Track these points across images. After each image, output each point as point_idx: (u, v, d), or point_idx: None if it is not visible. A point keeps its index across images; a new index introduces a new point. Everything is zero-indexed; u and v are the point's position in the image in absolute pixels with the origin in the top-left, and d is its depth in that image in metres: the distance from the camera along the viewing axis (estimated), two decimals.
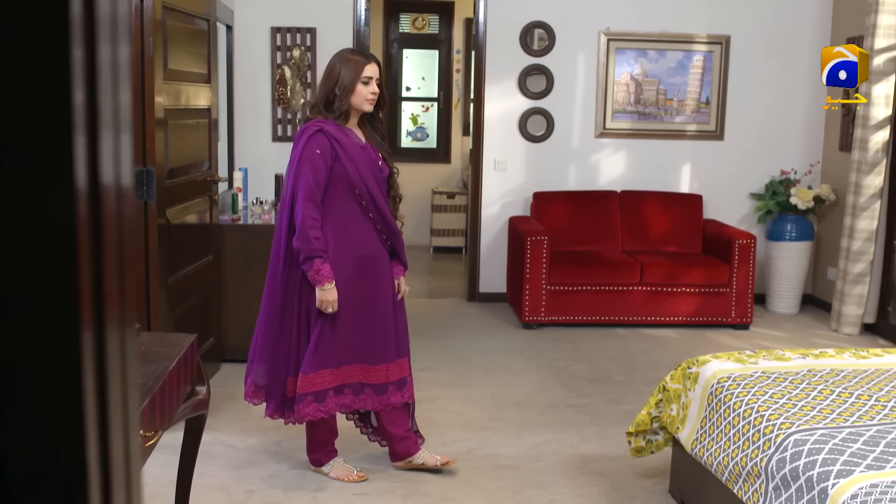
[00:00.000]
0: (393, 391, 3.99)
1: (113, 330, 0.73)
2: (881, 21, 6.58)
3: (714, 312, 6.94)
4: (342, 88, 3.76)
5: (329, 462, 4.10)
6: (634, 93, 7.59)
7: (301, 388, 3.83)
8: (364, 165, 3.80)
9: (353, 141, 3.82)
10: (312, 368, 3.82)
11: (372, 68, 3.79)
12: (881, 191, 6.75)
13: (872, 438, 2.84)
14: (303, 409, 3.84)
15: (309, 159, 3.73)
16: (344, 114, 3.80)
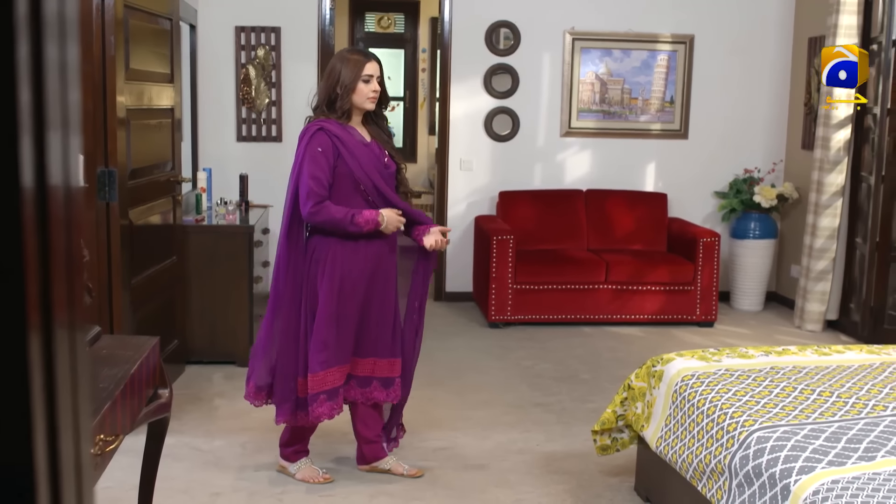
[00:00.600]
0: (377, 387, 3.95)
1: (62, 334, 0.72)
2: (842, 21, 6.64)
3: (679, 310, 6.98)
4: (343, 88, 3.76)
5: (297, 462, 4.07)
6: (599, 92, 7.62)
7: (312, 387, 3.79)
8: (368, 161, 3.79)
9: (355, 138, 3.80)
10: (322, 367, 3.79)
11: (372, 66, 3.79)
12: (843, 189, 6.81)
13: (834, 435, 2.86)
14: (317, 409, 3.80)
15: (310, 158, 3.72)
16: (346, 113, 3.81)
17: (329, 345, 3.79)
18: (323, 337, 3.78)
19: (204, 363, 5.64)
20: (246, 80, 7.14)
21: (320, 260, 3.80)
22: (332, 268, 3.78)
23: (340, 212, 3.71)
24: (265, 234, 6.43)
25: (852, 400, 3.22)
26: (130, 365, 2.58)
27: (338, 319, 3.79)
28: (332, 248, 3.78)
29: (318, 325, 3.78)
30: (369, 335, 3.92)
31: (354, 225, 3.71)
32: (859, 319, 6.76)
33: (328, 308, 3.78)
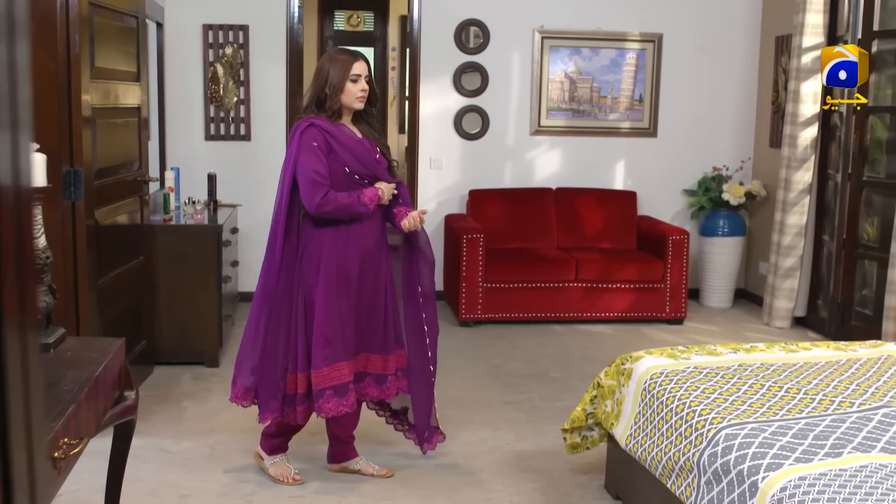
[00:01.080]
0: (370, 383, 3.96)
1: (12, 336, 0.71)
2: (809, 20, 6.69)
3: (648, 308, 7.01)
4: (332, 87, 3.79)
5: (274, 456, 4.05)
6: (569, 90, 7.63)
7: (317, 383, 3.77)
8: (361, 153, 3.83)
9: (346, 134, 3.83)
10: (326, 363, 3.77)
11: (360, 66, 3.81)
12: (810, 186, 6.86)
13: (801, 431, 2.88)
14: (324, 405, 3.78)
15: (307, 151, 3.74)
16: (336, 112, 3.83)
17: (332, 340, 3.78)
18: (325, 332, 3.77)
19: (172, 364, 5.60)
20: (214, 79, 7.10)
21: (313, 255, 3.81)
22: (327, 261, 3.79)
23: (347, 197, 3.75)
24: (234, 234, 6.40)
25: (819, 397, 3.24)
26: (95, 367, 2.55)
27: (339, 314, 3.79)
28: (324, 241, 3.80)
29: (319, 321, 3.77)
30: (360, 330, 3.90)
31: (363, 205, 3.76)
32: (827, 316, 6.81)
33: (328, 302, 3.77)
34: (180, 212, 6.04)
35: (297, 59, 7.34)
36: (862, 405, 3.15)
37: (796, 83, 6.79)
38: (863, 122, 6.45)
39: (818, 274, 7.09)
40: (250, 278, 7.19)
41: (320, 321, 3.77)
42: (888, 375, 3.55)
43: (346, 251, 3.81)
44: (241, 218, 6.93)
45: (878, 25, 6.43)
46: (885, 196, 6.35)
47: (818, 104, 6.76)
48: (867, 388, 3.35)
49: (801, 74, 6.75)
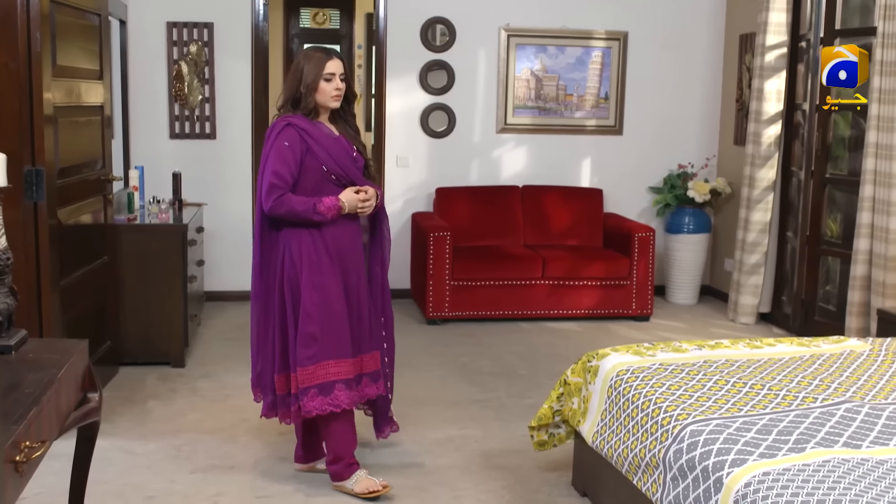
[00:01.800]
0: (367, 383, 3.93)
1: None
2: (772, 18, 6.75)
3: (615, 305, 7.04)
4: (306, 87, 3.76)
5: (351, 476, 3.90)
6: (535, 88, 7.65)
7: (302, 381, 3.74)
8: (338, 153, 3.80)
9: (323, 132, 3.80)
10: (311, 361, 3.73)
11: (334, 64, 3.77)
12: (774, 183, 6.92)
13: (765, 427, 2.90)
14: (308, 404, 3.74)
15: (275, 153, 3.71)
16: (312, 111, 3.79)
17: (317, 338, 3.73)
18: (308, 330, 3.74)
19: (138, 364, 5.56)
20: (178, 77, 7.04)
21: (293, 252, 3.77)
22: (308, 258, 3.75)
23: (302, 203, 3.70)
24: (199, 233, 6.36)
25: (783, 392, 3.27)
26: (58, 369, 2.52)
27: (325, 311, 3.74)
28: (302, 238, 3.76)
29: (303, 319, 3.74)
30: (351, 329, 3.86)
31: (318, 214, 3.71)
32: (791, 312, 6.88)
33: (310, 300, 3.73)
34: (145, 211, 6.00)
35: (263, 56, 7.30)
36: (825, 400, 3.19)
37: (760, 81, 6.85)
38: (825, 120, 6.51)
39: (782, 270, 7.15)
40: (216, 278, 7.19)
41: (304, 319, 3.73)
42: (850, 371, 3.58)
43: (325, 249, 3.77)
44: (207, 217, 6.89)
45: (840, 24, 6.50)
46: (848, 193, 6.41)
47: (782, 102, 6.82)
48: (830, 384, 3.39)
49: (765, 72, 6.81)
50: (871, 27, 5.89)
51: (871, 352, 3.89)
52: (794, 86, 6.93)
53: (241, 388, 5.22)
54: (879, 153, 5.66)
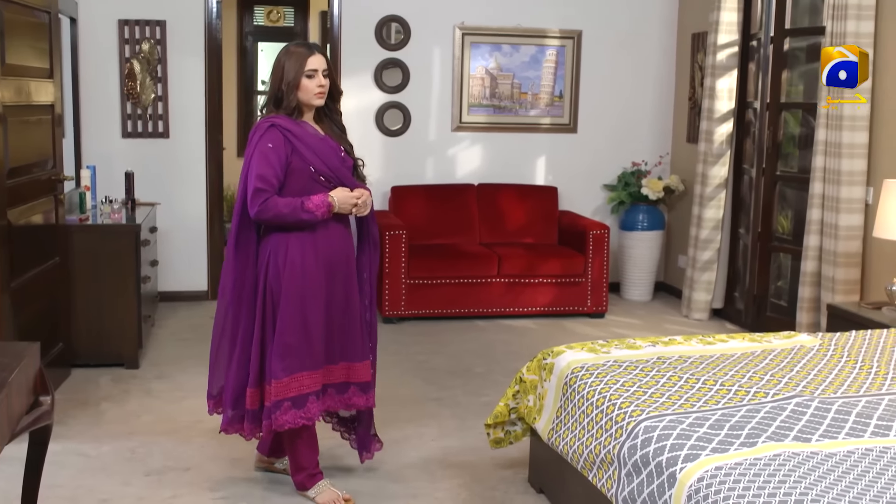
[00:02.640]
0: (355, 392, 3.78)
1: None
2: (723, 18, 6.82)
3: (570, 302, 7.08)
4: (287, 84, 3.60)
5: (314, 486, 3.81)
6: (489, 87, 7.67)
7: (276, 394, 3.57)
8: (326, 153, 3.64)
9: (309, 132, 3.64)
10: (286, 373, 3.57)
11: (315, 60, 3.61)
12: (726, 181, 7.00)
13: (717, 422, 2.94)
14: (281, 417, 3.57)
15: (259, 155, 3.54)
16: (295, 109, 3.63)
17: (293, 349, 3.58)
18: (286, 340, 3.58)
19: (91, 366, 5.50)
20: (131, 75, 6.97)
21: (279, 260, 3.60)
22: (291, 267, 3.59)
23: (288, 204, 3.53)
24: (153, 233, 6.30)
25: (735, 388, 3.31)
26: (7, 373, 2.49)
27: (304, 321, 3.60)
28: (289, 245, 3.60)
29: (280, 329, 3.58)
30: (338, 338, 3.73)
31: (306, 212, 3.54)
32: (743, 307, 6.96)
33: (290, 310, 3.58)
34: (97, 211, 5.93)
35: (216, 55, 7.25)
36: (776, 395, 3.23)
37: (712, 80, 6.92)
38: (776, 118, 6.60)
39: (735, 266, 7.24)
40: (170, 278, 7.13)
41: (281, 329, 3.58)
42: (801, 366, 3.64)
43: (314, 256, 3.62)
44: (161, 217, 6.83)
45: (790, 24, 6.59)
46: (798, 190, 6.50)
47: (733, 100, 6.90)
48: (780, 379, 3.44)
49: (717, 71, 6.88)
50: (820, 27, 5.98)
51: (820, 346, 3.95)
52: (746, 84, 7.01)
53: (196, 389, 5.19)
54: (828, 151, 5.74)
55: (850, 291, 5.65)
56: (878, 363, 3.69)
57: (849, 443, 2.80)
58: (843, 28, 5.56)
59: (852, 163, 5.60)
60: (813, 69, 6.33)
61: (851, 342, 4.04)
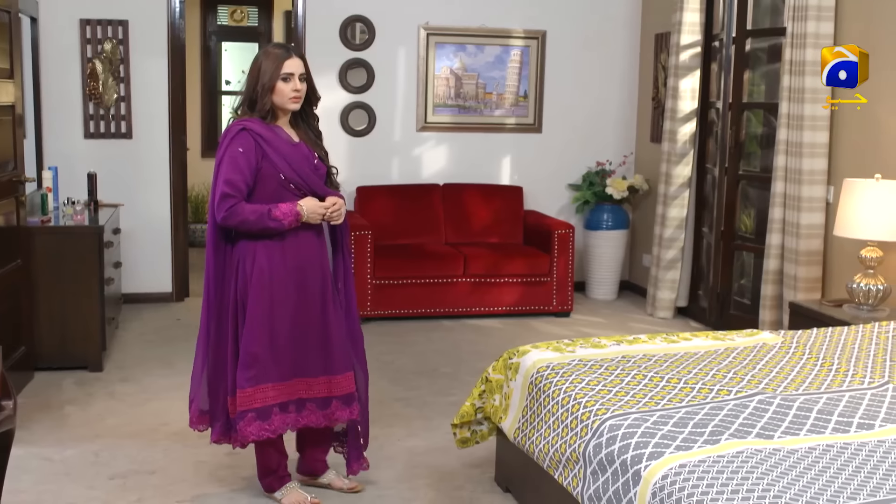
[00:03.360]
0: (338, 406, 3.68)
1: None
2: (686, 18, 6.88)
3: (536, 301, 7.11)
4: (262, 87, 3.50)
5: (282, 488, 3.78)
6: (454, 87, 7.68)
7: (240, 404, 3.50)
8: (297, 160, 3.55)
9: (282, 137, 3.56)
10: (251, 383, 3.50)
11: (292, 63, 3.52)
12: (689, 180, 7.06)
13: (681, 420, 2.97)
14: (245, 429, 3.51)
15: (228, 160, 3.47)
16: (269, 113, 3.54)
17: (259, 359, 3.51)
18: (251, 350, 3.51)
19: (54, 369, 5.45)
20: (93, 75, 6.92)
21: (245, 267, 3.54)
22: (258, 274, 3.52)
23: (255, 211, 3.46)
24: (116, 235, 6.26)
25: (698, 386, 3.34)
26: None
27: (271, 331, 3.54)
28: (256, 252, 3.53)
29: (246, 338, 3.51)
30: (316, 350, 3.64)
31: (273, 220, 3.46)
32: (707, 305, 7.02)
33: (257, 318, 3.51)
34: (59, 212, 5.88)
35: (180, 54, 7.20)
36: (739, 393, 3.27)
37: (675, 80, 6.98)
38: (738, 117, 6.66)
39: (698, 265, 7.30)
40: (134, 280, 7.08)
41: (247, 339, 3.51)
42: (763, 363, 3.68)
43: (282, 264, 3.55)
44: (124, 218, 6.79)
45: (752, 24, 6.65)
46: (761, 189, 6.57)
47: (696, 100, 6.96)
48: (743, 377, 3.47)
49: (680, 71, 6.94)
50: (781, 28, 6.04)
51: (782, 344, 4.00)
52: (708, 84, 7.07)
53: (160, 391, 5.17)
54: (790, 150, 5.81)
55: (811, 289, 5.72)
56: (839, 360, 3.74)
57: (810, 439, 2.83)
58: (804, 29, 5.63)
59: (813, 162, 5.67)
60: (774, 70, 6.41)
61: (812, 340, 4.09)
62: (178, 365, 5.65)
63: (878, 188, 4.89)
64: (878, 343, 4.04)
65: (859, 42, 5.42)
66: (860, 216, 4.93)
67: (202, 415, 3.71)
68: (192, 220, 9.76)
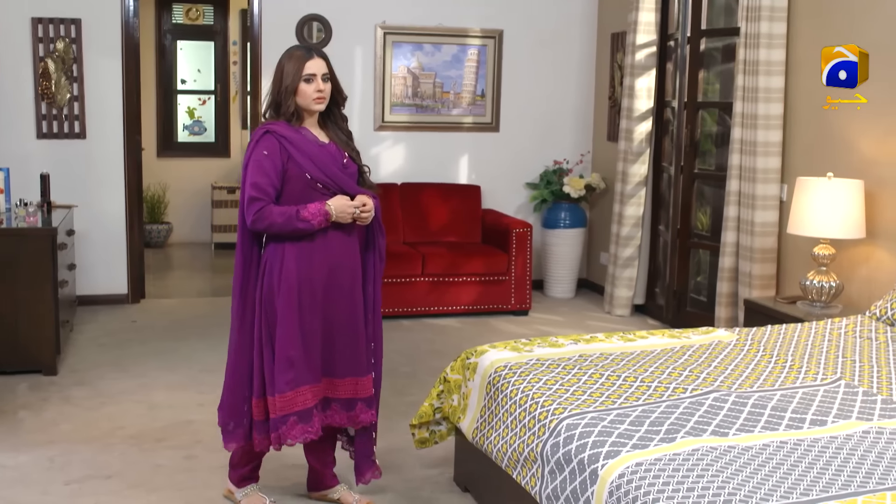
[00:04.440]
0: (362, 409, 3.63)
1: None
2: (641, 18, 6.93)
3: (495, 300, 7.13)
4: (285, 89, 3.47)
5: (245, 488, 3.76)
6: (412, 86, 7.68)
7: (281, 409, 3.44)
8: (324, 160, 3.50)
9: (307, 138, 3.51)
10: (290, 387, 3.45)
11: (314, 64, 3.48)
12: (646, 179, 7.11)
13: (638, 419, 2.99)
14: (288, 432, 3.45)
15: (254, 164, 3.43)
16: (294, 115, 3.50)
17: (296, 362, 3.46)
18: (287, 354, 3.45)
19: (7, 374, 5.37)
20: (45, 75, 6.83)
21: (274, 270, 3.48)
22: (287, 277, 3.46)
23: (283, 213, 3.41)
24: (70, 236, 6.18)
25: (654, 384, 3.37)
26: None
27: (303, 333, 3.49)
28: (285, 255, 3.48)
29: (281, 342, 3.46)
30: (343, 351, 3.59)
31: (302, 220, 3.41)
32: (664, 303, 7.07)
33: (289, 321, 3.46)
34: (11, 214, 5.79)
35: (134, 53, 7.13)
36: (694, 391, 3.30)
37: (631, 79, 7.02)
38: (693, 116, 6.72)
39: (655, 263, 7.36)
40: (90, 282, 7.00)
41: (282, 342, 3.45)
42: (718, 361, 3.72)
43: (311, 266, 3.49)
44: (78, 219, 6.71)
45: (706, 24, 6.71)
46: (716, 187, 6.63)
47: (652, 99, 7.01)
48: (699, 374, 3.51)
49: (636, 71, 6.98)
50: (735, 28, 6.11)
51: (737, 342, 4.04)
52: (664, 83, 7.13)
53: (116, 395, 5.12)
54: (744, 149, 5.87)
55: (766, 286, 5.78)
56: (793, 357, 3.79)
57: (764, 436, 2.86)
58: (757, 29, 5.69)
59: (767, 161, 5.73)
60: (728, 69, 6.47)
61: (767, 337, 4.14)
62: (133, 368, 5.60)
63: (831, 186, 4.96)
64: (831, 340, 4.10)
65: (811, 42, 5.50)
66: (813, 214, 4.99)
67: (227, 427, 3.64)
68: (148, 220, 9.67)
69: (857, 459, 2.67)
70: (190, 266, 9.33)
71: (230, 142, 10.65)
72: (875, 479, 2.52)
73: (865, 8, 5.15)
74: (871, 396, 3.30)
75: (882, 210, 5.05)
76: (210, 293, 8.04)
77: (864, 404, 3.21)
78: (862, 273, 5.22)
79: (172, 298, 7.67)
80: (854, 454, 2.71)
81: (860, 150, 5.19)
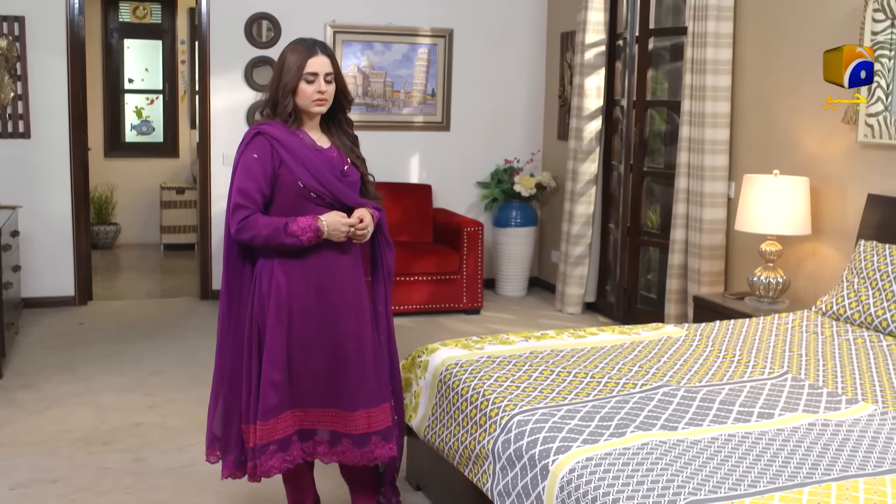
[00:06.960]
0: (377, 443, 3.29)
1: None
2: (590, 17, 6.96)
3: (446, 299, 7.13)
4: (283, 88, 3.17)
5: None
6: (362, 85, 7.65)
7: (261, 437, 3.15)
8: (320, 167, 3.19)
9: (304, 142, 3.21)
10: (273, 414, 3.16)
11: (317, 62, 3.17)
12: (596, 177, 7.15)
13: (588, 414, 3.00)
14: (266, 462, 3.16)
15: (242, 168, 3.15)
16: (291, 116, 3.21)
17: (279, 387, 3.17)
18: (271, 378, 3.16)
19: None
20: None
21: (262, 286, 3.19)
22: (276, 295, 3.17)
23: (270, 225, 3.11)
24: (14, 237, 6.08)
25: (605, 380, 3.39)
26: None
27: (290, 356, 3.20)
28: (274, 270, 3.19)
29: (267, 367, 3.16)
30: (349, 381, 3.26)
31: (289, 235, 3.10)
32: (615, 301, 7.12)
33: (276, 343, 3.17)
34: None
35: (79, 52, 7.03)
36: (644, 386, 3.32)
37: (580, 78, 7.06)
38: (642, 115, 6.77)
39: (606, 261, 7.40)
40: (34, 283, 6.89)
41: (267, 368, 3.16)
42: (667, 356, 3.74)
43: (303, 285, 3.21)
44: (23, 220, 6.59)
45: (654, 24, 6.77)
46: (665, 185, 6.69)
47: (601, 98, 7.06)
48: (648, 370, 3.53)
49: (585, 70, 7.02)
50: (683, 27, 6.17)
51: (686, 337, 4.07)
52: (613, 82, 7.17)
53: (62, 398, 5.04)
54: (692, 147, 5.92)
55: (714, 283, 5.84)
56: (741, 352, 3.83)
57: (713, 429, 2.89)
58: (704, 28, 5.74)
59: (714, 158, 5.79)
60: (676, 68, 6.53)
61: (715, 332, 4.18)
62: (81, 370, 5.52)
63: (777, 184, 5.02)
64: (778, 334, 4.15)
65: (757, 41, 5.57)
66: (760, 211, 5.05)
67: (214, 441, 3.33)
68: (95, 221, 9.54)
69: (804, 451, 2.70)
70: (138, 267, 9.22)
71: (179, 142, 10.55)
72: (821, 471, 2.55)
73: (811, 8, 5.23)
74: (817, 390, 3.34)
75: (827, 207, 5.13)
76: (159, 295, 7.95)
77: (811, 397, 3.25)
78: (808, 269, 5.29)
79: (121, 300, 7.58)
80: (800, 446, 2.74)
81: (805, 148, 5.26)
